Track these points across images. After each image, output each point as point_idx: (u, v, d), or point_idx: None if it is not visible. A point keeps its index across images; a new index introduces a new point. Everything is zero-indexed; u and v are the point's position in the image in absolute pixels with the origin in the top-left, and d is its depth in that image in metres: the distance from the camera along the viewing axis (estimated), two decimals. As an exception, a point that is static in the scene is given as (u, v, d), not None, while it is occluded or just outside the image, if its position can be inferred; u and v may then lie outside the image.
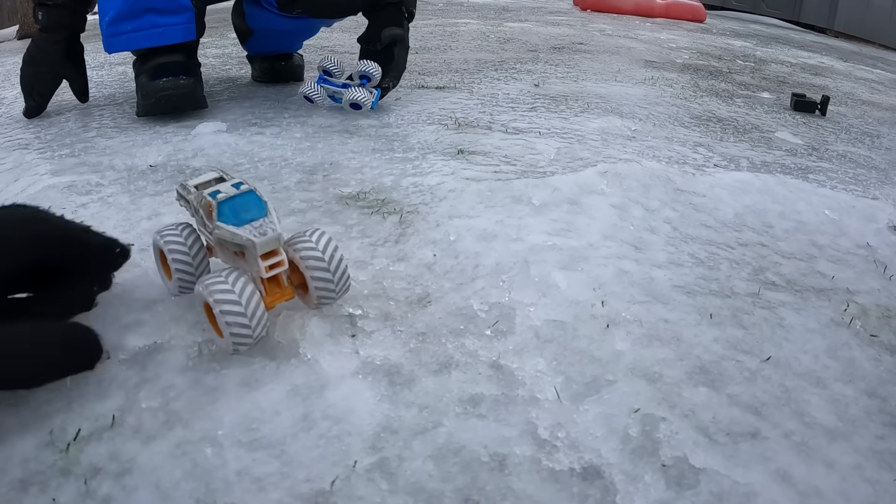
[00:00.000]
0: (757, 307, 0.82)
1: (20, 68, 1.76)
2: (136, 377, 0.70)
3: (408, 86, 2.03)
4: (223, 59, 2.71)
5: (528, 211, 1.04)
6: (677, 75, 2.71)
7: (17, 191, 1.23)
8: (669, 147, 1.49)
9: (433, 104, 1.77)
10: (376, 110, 1.70)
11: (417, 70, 2.36)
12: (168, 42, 1.65)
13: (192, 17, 1.67)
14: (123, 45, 1.67)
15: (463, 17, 5.31)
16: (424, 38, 3.53)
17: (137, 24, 1.64)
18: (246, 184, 0.76)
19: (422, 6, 6.65)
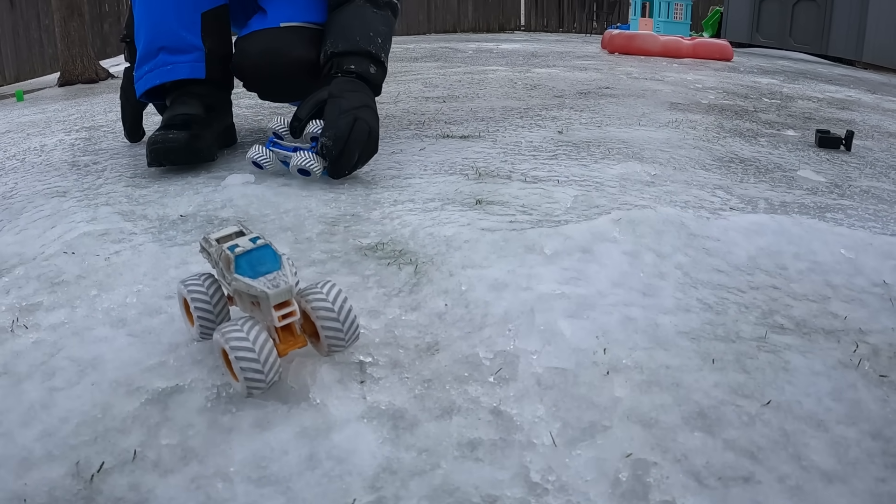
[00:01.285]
0: (762, 351, 0.83)
1: None
2: (158, 416, 0.76)
3: (433, 136, 2.07)
4: (255, 108, 2.78)
5: (539, 260, 1.06)
6: (702, 116, 2.73)
7: (54, 237, 1.30)
8: (687, 191, 1.50)
9: (456, 154, 1.81)
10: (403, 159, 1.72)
11: (444, 119, 2.41)
12: (175, 77, 1.75)
13: (202, 57, 1.76)
14: (143, 85, 1.78)
15: (492, 64, 5.37)
16: (452, 87, 3.58)
17: (152, 64, 1.76)
18: (262, 238, 0.82)
19: (451, 54, 6.83)
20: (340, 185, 1.53)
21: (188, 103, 1.76)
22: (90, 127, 2.74)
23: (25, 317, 1.00)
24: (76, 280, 1.11)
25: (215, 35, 1.81)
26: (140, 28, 1.78)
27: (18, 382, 0.83)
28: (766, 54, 10.51)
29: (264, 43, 1.77)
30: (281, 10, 1.84)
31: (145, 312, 0.99)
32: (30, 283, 1.11)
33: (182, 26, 1.75)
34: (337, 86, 1.62)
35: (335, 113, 1.54)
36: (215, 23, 1.81)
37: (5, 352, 0.90)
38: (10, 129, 3.06)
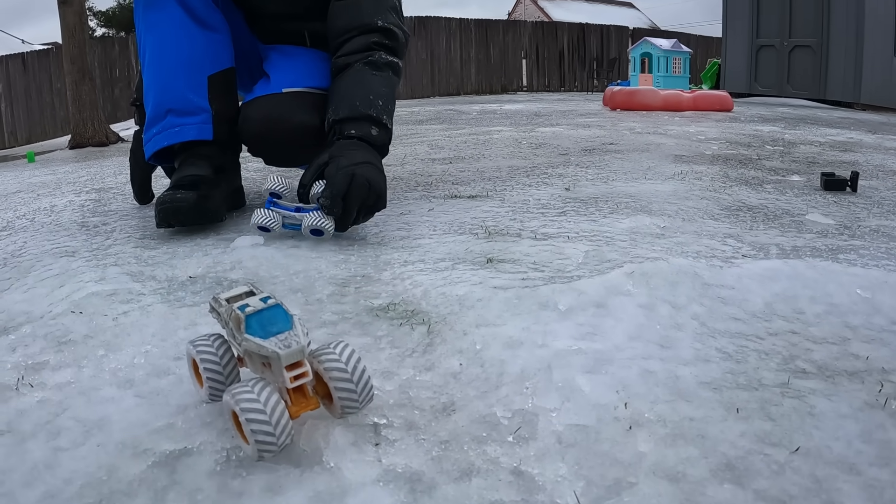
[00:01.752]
0: (786, 397, 0.82)
1: None
2: (166, 479, 0.73)
3: (441, 196, 2.08)
4: (263, 171, 2.80)
5: (554, 316, 1.05)
6: (706, 167, 2.74)
7: (62, 296, 1.30)
8: (698, 241, 1.50)
9: (465, 213, 1.81)
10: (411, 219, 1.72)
11: (451, 180, 2.42)
12: (183, 139, 1.78)
13: (209, 119, 1.80)
14: (152, 147, 1.82)
15: (496, 125, 5.43)
16: (458, 148, 3.62)
17: (161, 126, 1.80)
18: (273, 298, 0.80)
19: (455, 116, 6.90)
20: (350, 247, 1.54)
21: (196, 164, 1.78)
22: (100, 189, 2.77)
23: (31, 375, 0.99)
24: (83, 339, 1.10)
25: (222, 98, 1.84)
26: (149, 91, 1.82)
27: (22, 441, 0.82)
28: (765, 102, 10.60)
29: (266, 109, 1.80)
30: (284, 75, 1.88)
31: (153, 373, 0.98)
32: (36, 342, 1.11)
33: (189, 89, 1.79)
34: (338, 148, 1.64)
35: (333, 170, 1.56)
36: (222, 85, 1.85)
37: (10, 410, 0.89)
38: (20, 188, 3.10)
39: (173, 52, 1.78)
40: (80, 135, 7.15)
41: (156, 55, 1.80)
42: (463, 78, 16.87)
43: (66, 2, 7.10)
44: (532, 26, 17.65)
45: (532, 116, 6.28)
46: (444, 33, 16.61)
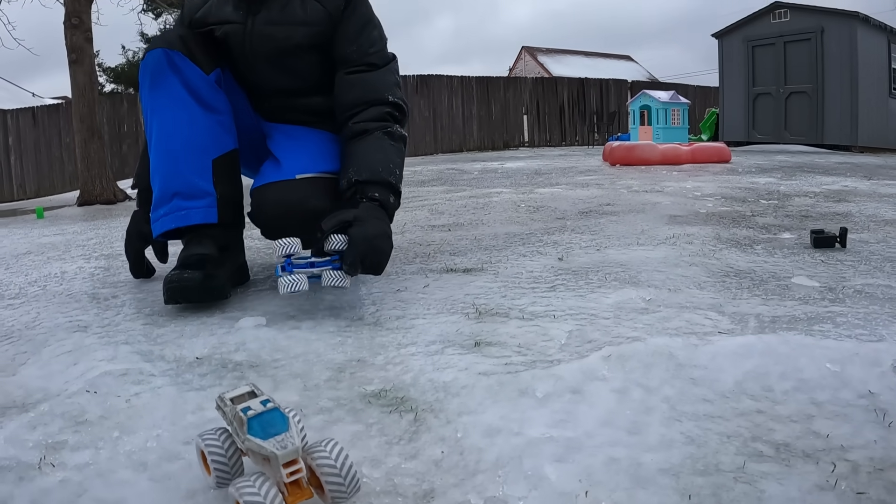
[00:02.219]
0: (739, 482, 0.87)
1: None
2: None
3: (438, 269, 2.16)
4: (268, 242, 2.87)
5: (531, 404, 1.12)
6: (699, 228, 2.81)
7: (76, 374, 1.38)
8: (680, 315, 1.56)
9: (459, 290, 1.88)
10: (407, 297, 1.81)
11: (449, 250, 2.50)
12: (189, 223, 1.88)
13: (214, 202, 1.89)
14: (159, 228, 1.91)
15: (496, 185, 5.52)
16: (458, 213, 3.70)
17: (167, 209, 1.89)
18: (272, 401, 0.91)
19: (457, 176, 6.99)
20: (348, 328, 1.61)
21: (202, 243, 1.88)
22: (108, 255, 2.87)
23: (52, 455, 1.06)
24: (99, 420, 1.17)
25: (226, 180, 1.94)
26: (155, 172, 1.91)
27: None
28: (764, 150, 10.72)
29: (281, 196, 1.89)
30: (295, 160, 1.97)
31: (165, 457, 1.04)
32: (55, 421, 1.17)
33: (194, 173, 1.87)
34: (364, 210, 1.76)
35: (360, 237, 1.69)
36: (226, 168, 1.94)
37: (34, 489, 0.96)
38: (30, 249, 3.20)
39: (178, 136, 1.88)
40: (88, 192, 7.29)
41: (162, 138, 1.89)
42: (465, 135, 17.06)
43: (77, 61, 7.29)
44: (532, 82, 17.90)
45: (532, 175, 6.38)
46: (446, 91, 16.85)
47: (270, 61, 2.01)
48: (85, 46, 7.35)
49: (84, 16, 7.32)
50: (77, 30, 7.27)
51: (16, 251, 3.21)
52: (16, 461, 1.04)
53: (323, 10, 1.97)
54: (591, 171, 6.53)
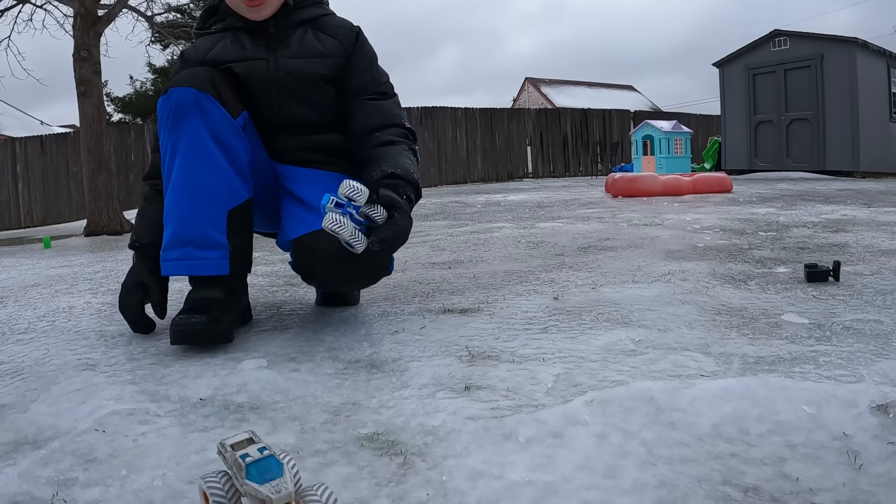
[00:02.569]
0: (706, 527, 0.92)
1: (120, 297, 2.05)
2: None
3: (436, 310, 2.21)
4: (271, 277, 2.94)
5: (513, 448, 1.17)
6: (695, 264, 2.86)
7: (85, 412, 1.44)
8: (666, 357, 1.61)
9: (454, 332, 1.93)
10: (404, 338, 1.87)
11: (448, 289, 2.55)
12: (201, 273, 1.92)
13: (226, 255, 1.93)
14: (169, 270, 1.94)
15: (498, 220, 5.58)
16: (459, 249, 3.76)
17: (180, 254, 1.92)
18: (269, 449, 0.98)
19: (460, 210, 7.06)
20: (345, 370, 1.66)
21: (210, 288, 1.94)
22: (115, 290, 2.92)
23: (64, 491, 1.11)
24: (107, 458, 1.23)
25: (239, 231, 1.97)
26: (170, 214, 1.93)
27: None
28: (766, 178, 10.77)
29: (335, 244, 1.81)
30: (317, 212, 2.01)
31: (170, 496, 1.10)
32: (66, 458, 1.23)
33: (209, 224, 1.90)
34: (406, 204, 1.86)
35: (397, 227, 1.79)
36: (240, 220, 1.98)
37: None
38: (38, 282, 3.27)
39: (197, 184, 1.89)
40: (95, 223, 7.39)
41: (180, 183, 1.90)
42: (469, 166, 17.17)
43: (86, 93, 7.42)
44: (536, 113, 18.03)
45: (534, 208, 6.45)
46: (451, 122, 16.98)
47: (295, 94, 2.10)
48: (93, 79, 7.48)
49: (93, 49, 7.46)
50: (86, 62, 7.40)
51: (24, 283, 3.28)
52: (29, 497, 1.09)
53: (338, 44, 2.13)
54: (593, 204, 6.60)
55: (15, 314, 2.51)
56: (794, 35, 12.42)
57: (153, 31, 10.85)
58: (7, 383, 1.68)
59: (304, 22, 2.14)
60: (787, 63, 12.35)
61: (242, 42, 2.10)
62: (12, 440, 1.33)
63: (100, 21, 7.94)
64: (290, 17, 2.12)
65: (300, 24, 2.14)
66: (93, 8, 7.82)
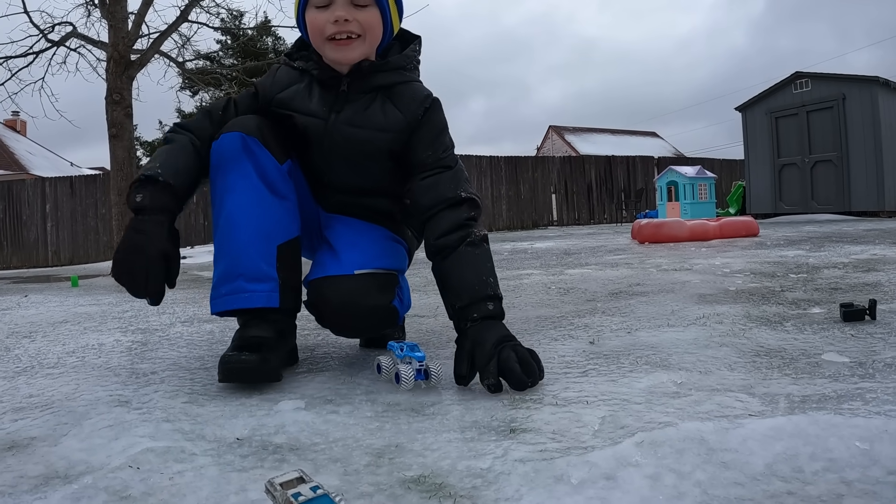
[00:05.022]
0: (771, 566, 0.90)
1: (119, 259, 1.83)
2: None
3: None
4: (303, 321, 2.94)
5: (566, 490, 1.15)
6: (729, 307, 2.84)
7: (118, 449, 1.41)
8: (711, 398, 1.59)
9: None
10: (444, 386, 1.88)
11: (481, 337, 2.53)
12: (251, 305, 1.93)
13: (276, 287, 1.95)
14: (219, 306, 1.96)
15: (526, 267, 5.56)
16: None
17: (230, 288, 1.94)
18: (322, 488, 0.96)
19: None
20: (385, 413, 1.65)
21: (261, 326, 1.94)
22: (145, 329, 2.95)
23: None
24: (142, 496, 1.19)
25: (289, 267, 2.00)
26: (220, 253, 1.96)
27: None
28: (791, 221, 10.72)
29: (343, 293, 1.96)
30: (354, 254, 2.05)
31: None
32: (99, 495, 1.19)
33: (261, 257, 1.94)
34: (475, 332, 1.85)
35: (482, 358, 1.78)
36: (289, 255, 2.01)
37: None
38: (66, 318, 3.28)
39: (247, 220, 1.94)
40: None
41: (231, 219, 1.95)
42: (495, 214, 17.21)
43: (117, 136, 7.53)
44: (560, 161, 18.09)
45: (562, 255, 6.44)
46: (476, 171, 17.08)
47: (346, 160, 2.10)
48: (125, 122, 7.60)
49: (125, 92, 7.59)
50: (118, 105, 7.52)
51: (52, 319, 3.30)
52: None
53: (402, 118, 2.07)
54: (621, 250, 6.58)
55: (44, 349, 2.52)
56: (815, 76, 12.44)
57: (183, 78, 11.04)
58: (37, 416, 1.68)
59: (378, 88, 2.09)
60: (809, 105, 12.36)
61: (312, 93, 2.09)
62: (42, 474, 1.31)
63: (132, 65, 8.11)
64: (366, 79, 2.07)
65: (374, 90, 2.08)
66: (126, 52, 7.99)
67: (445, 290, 1.97)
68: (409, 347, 1.88)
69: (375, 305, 1.99)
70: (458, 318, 1.91)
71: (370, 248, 2.10)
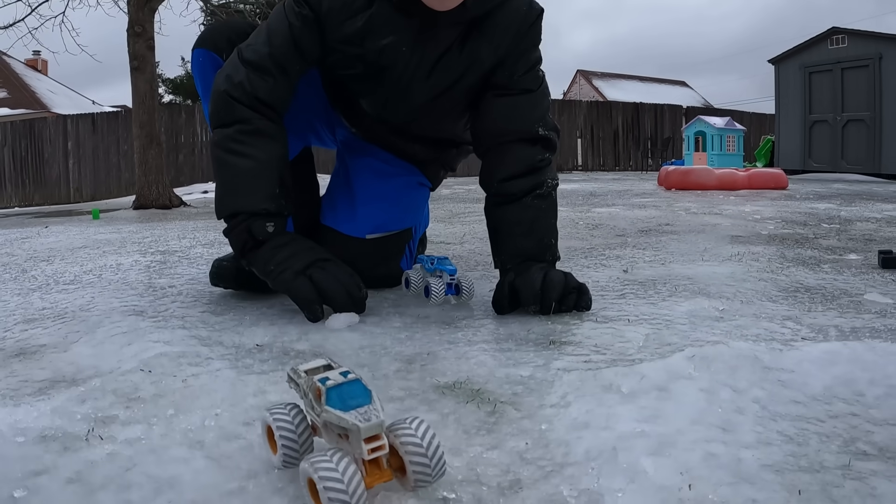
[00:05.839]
0: (847, 479, 0.83)
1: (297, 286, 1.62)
2: None
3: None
4: None
5: (617, 399, 1.08)
6: (763, 248, 2.75)
7: (130, 354, 1.35)
8: (757, 324, 1.52)
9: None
10: (473, 301, 1.80)
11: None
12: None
13: (289, 221, 1.80)
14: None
15: (552, 205, 5.43)
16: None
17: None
18: (353, 373, 0.84)
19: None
20: (415, 324, 1.59)
21: None
22: (164, 251, 2.89)
23: (101, 428, 1.01)
24: (153, 398, 1.13)
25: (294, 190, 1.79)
26: None
27: (92, 492, 0.83)
28: (819, 179, 10.54)
29: (348, 257, 1.75)
30: (371, 213, 1.90)
31: (223, 437, 0.99)
32: (106, 396, 1.13)
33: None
34: (521, 268, 1.71)
35: (522, 283, 1.65)
36: (288, 179, 1.76)
37: (80, 460, 0.91)
38: (86, 244, 3.23)
39: None
40: (144, 196, 7.38)
41: None
42: (518, 157, 17.00)
43: (139, 69, 7.42)
44: (587, 106, 17.82)
45: (588, 196, 6.33)
46: (500, 113, 16.80)
47: (422, 108, 1.84)
48: (147, 54, 7.48)
49: (147, 24, 7.45)
50: (140, 38, 7.39)
51: (72, 245, 3.25)
52: (62, 432, 1.00)
53: (502, 51, 1.74)
54: (647, 194, 6.47)
55: (61, 269, 2.46)
56: (852, 33, 12.11)
57: (206, 11, 10.85)
58: (48, 325, 1.62)
59: (472, 21, 1.69)
60: (845, 62, 12.04)
61: (387, 24, 1.67)
62: (48, 378, 1.25)
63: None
64: (459, 11, 1.63)
65: (467, 23, 1.70)
66: (147, -17, 7.82)
67: (499, 243, 1.79)
68: (439, 260, 1.80)
69: (378, 275, 1.93)
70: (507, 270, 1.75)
71: (391, 208, 1.95)
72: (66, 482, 0.86)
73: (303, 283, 1.60)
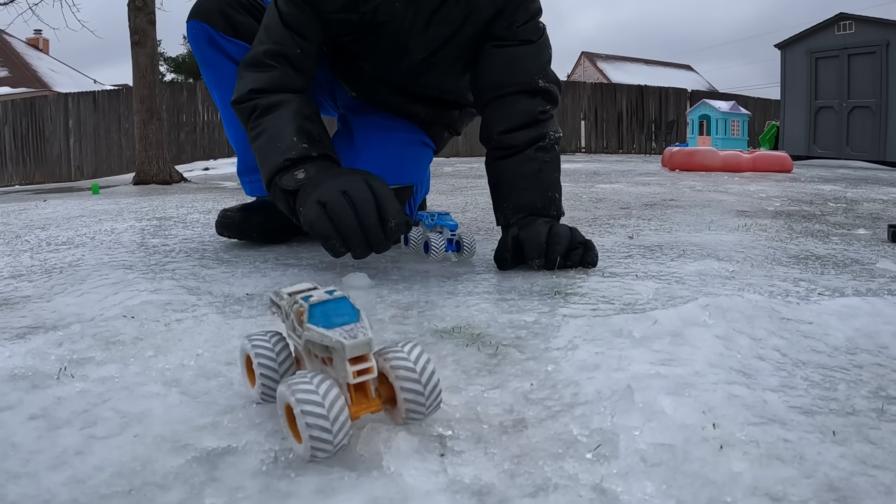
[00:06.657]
0: (883, 421, 0.77)
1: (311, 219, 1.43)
2: (205, 475, 0.68)
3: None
4: None
5: (629, 343, 1.02)
6: (770, 221, 2.69)
7: (115, 302, 1.31)
8: (770, 283, 1.46)
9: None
10: (474, 259, 1.73)
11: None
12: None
13: None
14: (250, 191, 2.01)
15: (554, 181, 5.38)
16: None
17: (255, 178, 1.96)
18: (339, 291, 0.75)
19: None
20: (412, 276, 1.53)
21: None
22: (161, 217, 2.86)
23: (74, 368, 0.96)
24: (133, 341, 1.08)
25: None
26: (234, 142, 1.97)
27: (55, 427, 0.78)
28: (824, 164, 10.48)
29: None
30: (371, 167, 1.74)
31: (202, 375, 0.93)
32: (84, 340, 1.09)
33: None
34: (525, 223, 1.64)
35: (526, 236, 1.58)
36: None
37: (47, 397, 0.86)
38: (83, 214, 3.19)
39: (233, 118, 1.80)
40: (144, 172, 7.33)
41: (227, 115, 1.88)
42: (520, 138, 16.94)
43: (139, 43, 7.33)
44: (591, 88, 17.72)
45: (591, 175, 6.27)
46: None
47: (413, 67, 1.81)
48: (148, 29, 7.38)
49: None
50: (140, 12, 7.29)
51: (68, 215, 3.19)
52: (32, 371, 0.95)
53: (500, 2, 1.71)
54: (651, 174, 6.41)
55: (54, 235, 2.40)
56: (859, 19, 12.00)
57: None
58: (34, 279, 1.57)
59: None
60: (852, 48, 11.94)
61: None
62: (28, 325, 1.19)
63: (155, -30, 7.83)
64: None
65: None
66: (148, -43, 7.71)
67: (501, 198, 1.71)
68: (440, 216, 1.72)
69: None
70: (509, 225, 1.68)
71: (393, 164, 1.86)
72: (28, 418, 0.81)
73: (316, 216, 1.41)
